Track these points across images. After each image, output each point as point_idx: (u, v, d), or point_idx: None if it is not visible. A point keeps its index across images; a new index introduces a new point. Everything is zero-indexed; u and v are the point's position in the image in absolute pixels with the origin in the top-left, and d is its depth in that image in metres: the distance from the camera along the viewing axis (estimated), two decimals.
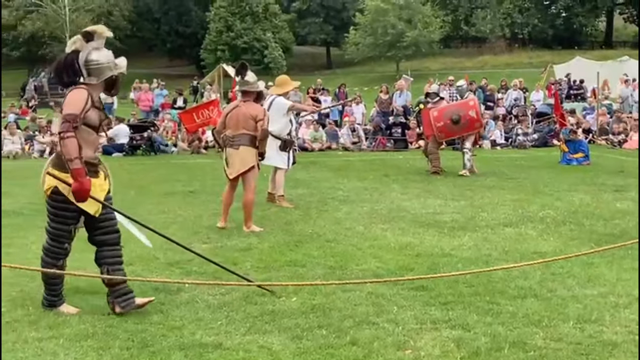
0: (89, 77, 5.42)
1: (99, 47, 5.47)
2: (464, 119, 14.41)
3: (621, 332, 5.05)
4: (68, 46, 5.47)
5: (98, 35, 5.46)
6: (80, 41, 5.42)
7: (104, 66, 5.44)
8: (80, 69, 5.40)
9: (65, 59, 5.40)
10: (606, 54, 50.08)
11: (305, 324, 5.21)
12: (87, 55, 5.39)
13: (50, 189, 5.41)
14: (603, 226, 9.00)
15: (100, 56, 5.44)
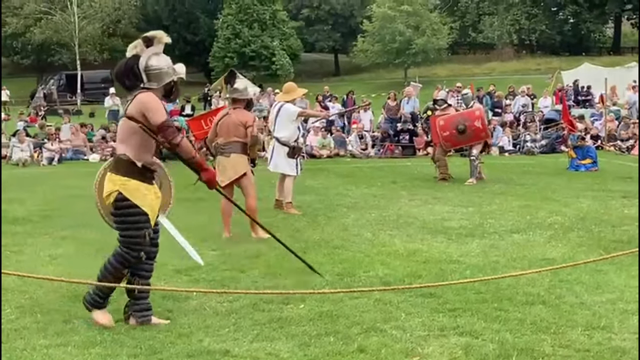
0: (149, 82, 5.42)
1: (158, 52, 5.48)
2: (470, 129, 14.39)
3: (630, 338, 5.04)
4: (129, 50, 5.48)
5: (157, 40, 5.49)
6: (140, 46, 5.45)
7: (164, 71, 5.45)
8: (140, 74, 5.40)
9: (126, 64, 5.43)
10: (614, 60, 50.00)
11: (313, 331, 5.22)
12: (147, 60, 5.40)
13: (111, 195, 5.35)
14: (611, 232, 8.98)
15: (159, 61, 5.45)
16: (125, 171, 5.32)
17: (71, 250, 7.99)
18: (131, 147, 5.35)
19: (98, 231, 9.06)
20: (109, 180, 5.39)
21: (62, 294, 6.10)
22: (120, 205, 5.34)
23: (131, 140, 5.36)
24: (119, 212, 5.37)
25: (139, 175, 5.35)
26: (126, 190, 5.31)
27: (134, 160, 5.33)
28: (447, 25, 58.53)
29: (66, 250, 8.02)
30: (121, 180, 5.32)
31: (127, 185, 5.30)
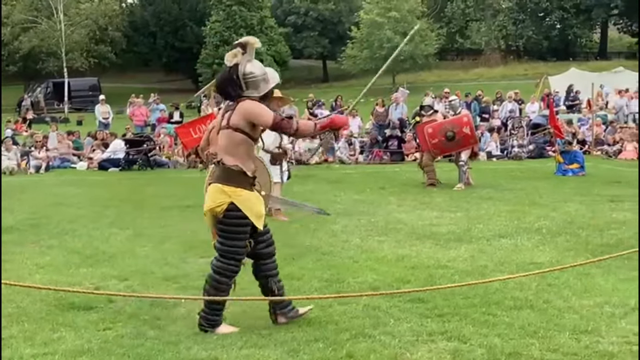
0: (247, 91, 5.38)
1: (251, 59, 5.43)
2: (459, 136, 14.44)
3: (617, 342, 5.06)
4: (229, 60, 5.41)
5: (250, 46, 5.42)
6: (239, 54, 5.38)
7: (259, 79, 5.41)
8: (240, 82, 5.36)
9: (228, 73, 5.39)
10: (601, 65, 50.27)
11: (302, 338, 5.21)
12: (243, 68, 5.35)
13: (224, 206, 5.34)
14: (599, 236, 9.01)
15: (254, 68, 5.40)
16: (237, 182, 5.34)
17: (58, 259, 7.96)
18: (239, 158, 5.37)
19: (85, 239, 9.08)
20: (220, 191, 5.37)
21: (49, 303, 6.07)
22: (231, 215, 5.35)
23: (239, 151, 5.37)
24: (229, 222, 5.38)
25: (248, 185, 5.40)
26: (238, 201, 5.33)
27: (245, 170, 5.36)
28: (435, 32, 58.75)
29: (53, 258, 7.99)
30: (234, 191, 5.33)
31: (240, 196, 5.33)
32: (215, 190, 5.41)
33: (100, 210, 11.81)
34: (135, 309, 5.90)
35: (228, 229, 5.40)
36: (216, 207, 5.38)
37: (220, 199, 5.36)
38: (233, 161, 5.36)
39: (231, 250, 5.43)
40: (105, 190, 15.09)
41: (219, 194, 5.38)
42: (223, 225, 5.41)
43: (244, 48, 5.39)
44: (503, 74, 57.51)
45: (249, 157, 5.43)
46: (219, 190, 5.38)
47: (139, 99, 29.45)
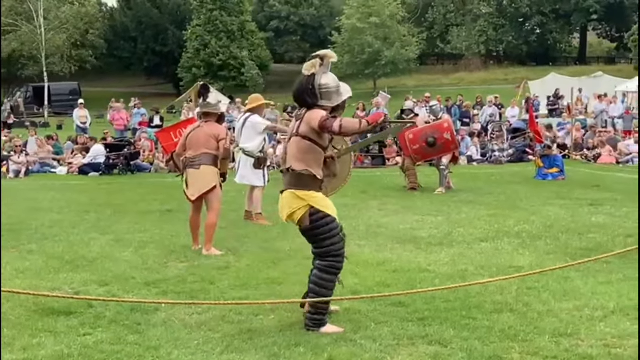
0: (322, 100, 5.57)
1: (327, 71, 5.65)
2: (439, 142, 14.48)
3: (597, 345, 5.09)
4: (307, 70, 5.58)
5: (327, 59, 5.64)
6: (317, 65, 5.57)
7: (332, 90, 5.62)
8: (315, 92, 5.55)
9: (306, 83, 5.56)
10: (580, 70, 50.72)
11: (283, 342, 5.20)
12: (320, 79, 5.57)
13: (300, 211, 5.51)
14: (578, 240, 9.07)
15: (329, 80, 5.61)
16: (309, 185, 5.50)
17: (38, 264, 7.89)
18: (310, 163, 5.52)
19: (65, 244, 9.02)
20: (294, 196, 5.53)
21: (29, 308, 6.02)
22: (316, 218, 5.50)
23: (309, 157, 5.52)
24: (316, 225, 5.52)
25: (318, 188, 5.57)
26: (316, 203, 5.50)
27: (315, 174, 5.52)
28: (416, 37, 59.00)
29: (33, 263, 7.92)
30: (309, 195, 5.49)
31: (316, 198, 5.51)
32: (289, 196, 5.57)
33: (80, 215, 11.73)
34: (116, 314, 5.87)
35: (319, 232, 5.55)
36: (294, 213, 5.55)
37: (297, 204, 5.53)
38: (304, 166, 5.52)
39: (329, 250, 5.56)
40: (86, 195, 15.00)
41: (293, 199, 5.55)
42: (313, 231, 5.56)
43: (322, 60, 5.61)
44: (483, 78, 57.93)
45: (319, 162, 5.57)
46: (292, 196, 5.55)
47: (120, 103, 29.31)
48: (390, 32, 56.43)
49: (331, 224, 5.53)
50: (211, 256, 8.30)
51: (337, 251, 5.57)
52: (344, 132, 5.47)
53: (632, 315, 5.76)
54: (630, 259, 7.69)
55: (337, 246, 5.56)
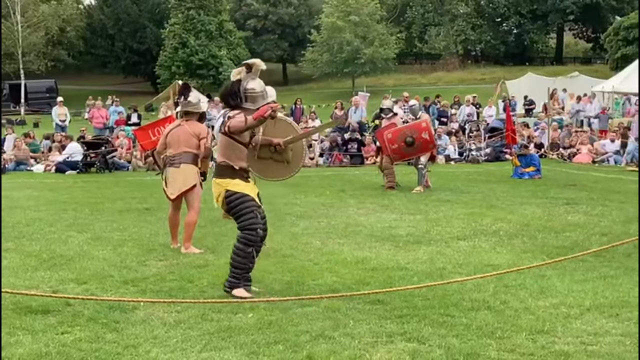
0: (246, 103, 6.38)
1: (255, 77, 6.45)
2: (418, 141, 14.55)
3: (573, 342, 5.15)
4: (234, 75, 6.47)
5: (256, 67, 6.44)
6: (243, 72, 6.41)
7: (258, 94, 6.42)
8: (241, 95, 6.37)
9: (231, 86, 6.44)
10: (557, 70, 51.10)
11: (262, 340, 5.21)
12: (246, 84, 6.39)
13: (221, 195, 6.45)
14: (554, 239, 9.17)
15: (255, 85, 6.42)
16: (228, 174, 6.42)
17: (15, 262, 7.84)
18: (230, 156, 6.42)
19: (42, 243, 8.96)
20: (215, 184, 6.50)
21: (6, 307, 5.97)
22: (231, 199, 6.40)
23: (228, 151, 6.42)
24: (232, 205, 6.41)
25: (238, 177, 6.43)
26: (232, 187, 6.39)
27: (233, 165, 6.41)
28: (394, 36, 59.15)
29: (10, 262, 7.86)
30: (225, 182, 6.42)
31: (230, 183, 6.40)
32: (213, 184, 6.51)
33: (57, 213, 11.66)
34: (94, 312, 5.85)
35: (235, 210, 6.41)
36: (217, 198, 6.48)
37: (217, 190, 6.47)
38: (223, 159, 6.44)
39: (244, 225, 6.38)
40: (63, 193, 14.90)
41: (215, 186, 6.49)
42: (231, 210, 6.45)
43: (249, 68, 6.40)
44: (461, 78, 58.23)
45: (236, 156, 6.42)
46: (215, 184, 6.50)
47: (98, 101, 29.13)
48: (369, 31, 56.54)
49: (246, 203, 6.37)
50: (190, 254, 8.28)
51: (251, 225, 6.36)
52: (232, 131, 6.28)
53: (608, 312, 5.84)
54: (606, 257, 7.80)
55: (251, 221, 6.36)
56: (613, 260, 7.73)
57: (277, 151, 6.78)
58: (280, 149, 6.76)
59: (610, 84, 30.50)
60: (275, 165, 6.90)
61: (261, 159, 6.84)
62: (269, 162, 6.88)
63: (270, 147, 6.77)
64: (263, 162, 6.86)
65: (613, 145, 21.57)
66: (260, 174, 7.01)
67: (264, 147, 6.78)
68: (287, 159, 6.86)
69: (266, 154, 6.81)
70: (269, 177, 7.08)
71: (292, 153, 6.86)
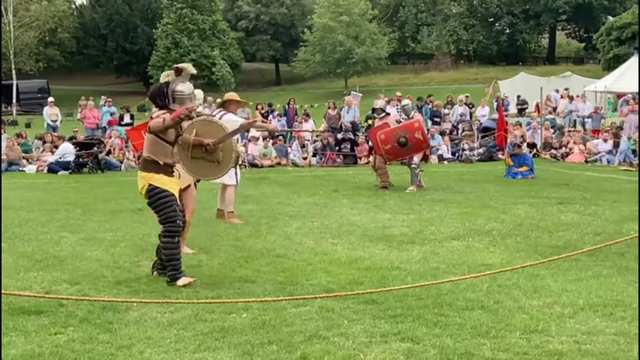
0: (174, 104, 6.82)
1: (184, 80, 6.91)
2: (411, 141, 14.56)
3: (567, 341, 5.15)
4: (162, 78, 6.96)
5: (185, 72, 6.90)
6: (172, 75, 6.88)
7: (186, 97, 6.86)
8: (168, 97, 6.82)
9: (159, 88, 6.88)
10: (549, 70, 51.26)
11: (256, 340, 5.20)
12: (175, 86, 6.85)
13: (144, 188, 6.86)
14: (548, 238, 9.17)
15: (184, 88, 6.88)
16: (152, 169, 6.81)
17: (8, 263, 7.79)
18: (155, 152, 6.80)
19: (35, 243, 8.93)
20: (140, 177, 6.88)
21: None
22: (153, 193, 6.82)
23: (154, 148, 6.82)
24: (153, 198, 6.84)
25: (162, 171, 6.82)
26: (154, 181, 6.80)
27: (158, 160, 6.79)
28: (387, 36, 59.21)
29: (2, 263, 7.80)
30: (149, 176, 6.82)
31: (153, 177, 6.80)
32: (138, 177, 6.92)
33: (50, 213, 11.62)
34: (87, 313, 5.82)
35: (156, 204, 6.84)
36: (141, 190, 6.89)
37: (141, 183, 6.87)
38: (148, 154, 6.86)
39: (165, 218, 6.82)
40: (55, 193, 14.85)
41: (140, 179, 6.90)
42: (152, 203, 6.87)
43: (178, 71, 6.87)
44: (454, 78, 58.30)
45: (161, 152, 6.81)
46: (139, 177, 6.91)
47: (90, 101, 29.05)
48: (361, 31, 56.59)
49: (166, 198, 6.79)
50: (183, 255, 8.24)
51: (171, 218, 6.80)
52: (152, 130, 6.72)
53: (601, 312, 5.84)
54: (600, 257, 7.81)
55: (170, 214, 6.79)
56: (606, 259, 7.74)
57: (207, 151, 7.20)
58: (211, 149, 7.18)
59: (603, 83, 30.63)
60: (207, 165, 7.30)
61: (194, 159, 7.27)
62: (201, 161, 7.29)
63: (201, 147, 7.18)
64: (196, 162, 7.28)
65: (606, 145, 21.63)
66: (194, 173, 7.49)
67: (196, 147, 7.20)
68: (218, 159, 7.28)
69: (199, 154, 7.23)
70: (201, 176, 7.63)
71: (222, 154, 7.28)
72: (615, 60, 43.69)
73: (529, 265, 6.95)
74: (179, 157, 7.38)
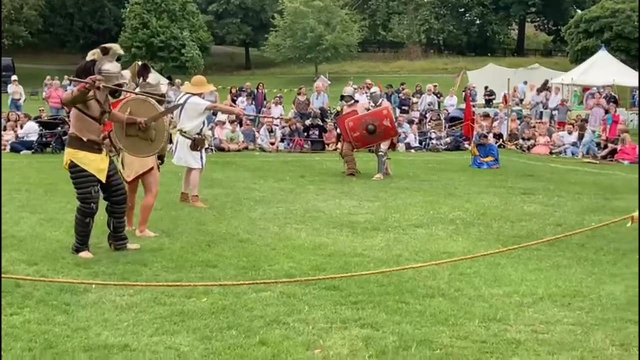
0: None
1: (112, 60, 7.07)
2: (379, 129, 14.57)
3: (525, 330, 5.19)
4: (89, 56, 7.04)
5: (113, 51, 7.09)
6: (98, 54, 7.01)
7: (113, 75, 7.03)
8: (93, 74, 6.82)
9: (84, 65, 6.98)
10: (518, 62, 51.60)
11: (215, 325, 5.16)
12: (102, 65, 6.99)
13: (67, 163, 7.05)
14: (510, 228, 9.24)
15: (111, 67, 7.04)
16: (76, 145, 6.99)
17: None
18: (79, 128, 7.00)
19: None
20: (65, 152, 7.09)
21: None
22: (74, 170, 7.02)
23: (78, 123, 7.01)
24: (73, 175, 7.06)
25: (87, 148, 7.00)
26: (77, 159, 6.98)
27: (81, 137, 6.96)
28: (358, 23, 59.13)
29: None
30: (73, 152, 7.00)
31: (77, 154, 6.99)
32: (65, 152, 7.14)
33: (10, 193, 11.41)
34: (44, 294, 5.74)
35: (75, 181, 7.11)
36: (65, 166, 7.11)
37: (65, 159, 7.08)
38: (73, 130, 7.08)
39: (81, 196, 7.11)
40: (17, 173, 14.61)
41: (65, 155, 7.12)
42: (72, 180, 7.13)
43: (105, 50, 7.05)
44: (423, 67, 58.43)
45: (86, 128, 6.99)
46: (65, 152, 7.14)
47: (55, 80, 28.65)
48: (333, 16, 56.44)
49: (85, 177, 7.03)
50: (144, 237, 8.18)
51: (86, 199, 7.07)
52: (63, 102, 7.29)
53: (560, 302, 5.90)
54: (560, 247, 7.89)
55: (86, 196, 7.06)
56: (567, 250, 7.82)
57: (141, 129, 7.58)
58: (143, 127, 7.56)
59: (570, 76, 30.90)
60: (141, 143, 7.68)
61: (129, 137, 7.67)
62: (135, 139, 7.67)
63: (135, 126, 7.54)
64: (130, 140, 7.67)
65: (570, 137, 21.84)
66: (128, 150, 7.85)
67: (131, 125, 7.58)
68: (151, 137, 7.67)
69: (133, 132, 7.60)
70: (135, 153, 7.90)
71: (155, 132, 7.63)
72: (583, 52, 44.10)
73: (490, 253, 6.99)
74: (115, 135, 7.79)
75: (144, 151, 7.82)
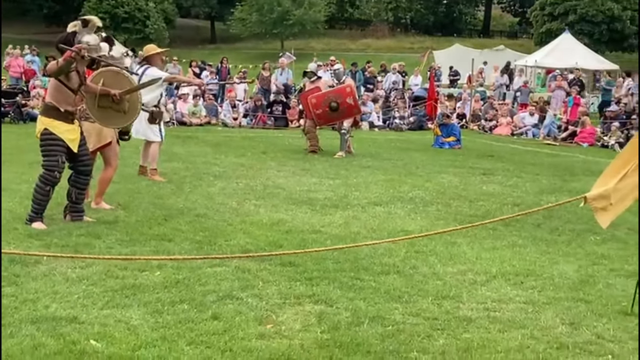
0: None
1: (90, 32, 7.16)
2: (342, 106, 14.52)
3: (477, 308, 5.22)
4: (69, 28, 7.18)
5: (92, 23, 7.19)
6: (79, 26, 7.14)
7: (92, 47, 7.10)
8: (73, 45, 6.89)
9: (65, 36, 7.10)
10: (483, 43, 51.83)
11: (167, 299, 5.11)
12: (82, 37, 7.08)
13: (40, 131, 7.11)
14: (468, 207, 9.30)
15: (90, 39, 7.11)
16: (51, 114, 7.09)
17: None
18: (57, 98, 7.08)
19: None
20: (39, 121, 7.20)
21: None
22: (45, 137, 7.09)
23: (56, 93, 7.11)
24: (43, 142, 7.11)
25: (62, 118, 7.09)
26: (50, 126, 7.07)
27: (58, 107, 7.06)
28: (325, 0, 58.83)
29: None
30: (47, 121, 7.10)
31: (52, 123, 7.08)
32: (38, 120, 7.26)
33: None
34: None
35: (43, 148, 7.14)
36: (37, 134, 7.16)
37: (38, 127, 7.17)
38: (49, 99, 7.16)
39: (46, 165, 7.13)
40: None
41: (38, 123, 7.23)
42: (41, 147, 7.15)
43: (85, 23, 7.16)
44: (390, 46, 58.41)
45: (63, 99, 7.07)
46: (38, 121, 7.23)
47: (16, 50, 28.10)
48: None
49: (55, 146, 7.08)
50: (100, 210, 8.08)
51: (51, 167, 7.10)
52: (49, 73, 7.32)
53: (513, 280, 5.95)
54: (516, 227, 7.96)
55: (52, 163, 7.10)
56: (522, 229, 7.89)
57: (114, 101, 7.56)
58: (117, 99, 7.55)
59: (533, 58, 31.13)
60: (114, 114, 7.66)
61: (101, 108, 7.62)
62: (108, 110, 7.65)
63: (108, 97, 7.52)
64: (103, 111, 7.63)
65: (532, 118, 22.02)
66: (100, 121, 7.77)
67: (104, 96, 7.54)
68: (124, 109, 7.67)
69: (106, 104, 7.57)
70: (107, 124, 7.87)
71: (128, 105, 7.65)
72: (548, 35, 44.41)
73: (446, 231, 7.03)
74: (86, 105, 7.69)
75: (116, 123, 7.85)
